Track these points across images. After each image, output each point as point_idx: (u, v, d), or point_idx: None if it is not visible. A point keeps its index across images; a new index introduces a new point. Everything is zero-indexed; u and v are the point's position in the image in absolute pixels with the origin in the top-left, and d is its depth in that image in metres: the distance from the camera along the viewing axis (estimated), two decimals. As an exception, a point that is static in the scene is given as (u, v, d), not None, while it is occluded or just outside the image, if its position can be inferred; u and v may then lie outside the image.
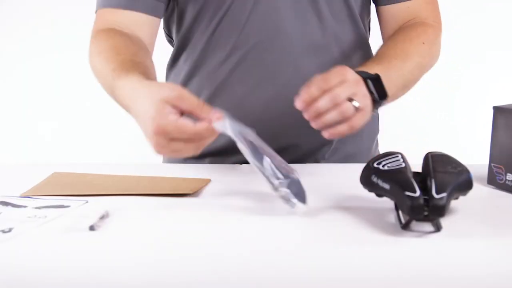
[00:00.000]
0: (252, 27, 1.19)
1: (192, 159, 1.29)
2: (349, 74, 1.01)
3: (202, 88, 1.24)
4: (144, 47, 1.17)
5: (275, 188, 0.90)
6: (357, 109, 0.99)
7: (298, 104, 0.98)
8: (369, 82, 1.04)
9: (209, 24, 1.21)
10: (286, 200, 0.90)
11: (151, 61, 1.14)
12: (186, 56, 1.27)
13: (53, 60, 2.68)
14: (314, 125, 0.99)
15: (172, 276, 0.73)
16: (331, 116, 0.98)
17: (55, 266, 0.74)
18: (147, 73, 1.03)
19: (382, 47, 1.21)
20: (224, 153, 1.24)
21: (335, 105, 0.98)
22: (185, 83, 1.27)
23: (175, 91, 0.93)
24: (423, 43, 1.20)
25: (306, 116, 0.99)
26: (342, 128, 1.00)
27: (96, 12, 1.23)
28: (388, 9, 1.26)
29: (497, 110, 1.01)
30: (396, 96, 1.14)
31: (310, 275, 0.72)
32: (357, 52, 1.26)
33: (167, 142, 0.90)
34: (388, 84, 1.07)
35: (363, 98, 1.01)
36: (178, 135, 0.90)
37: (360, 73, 1.05)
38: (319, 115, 0.98)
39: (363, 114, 1.01)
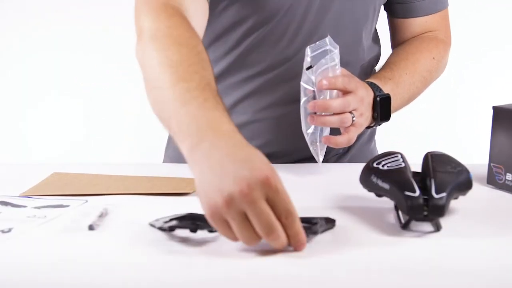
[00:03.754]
0: (290, 48, 1.13)
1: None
2: (361, 88, 1.06)
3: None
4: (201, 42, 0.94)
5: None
6: (353, 123, 1.05)
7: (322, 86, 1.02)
8: (378, 102, 1.09)
9: (247, 35, 1.13)
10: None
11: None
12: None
13: (53, 59, 2.68)
14: (312, 120, 1.03)
15: (172, 275, 0.73)
16: (331, 119, 1.04)
17: (54, 266, 0.74)
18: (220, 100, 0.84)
19: (394, 55, 1.24)
20: None
21: (342, 111, 1.03)
22: None
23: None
24: (433, 58, 1.25)
25: (312, 107, 1.02)
26: (342, 139, 1.05)
27: None
28: (404, 21, 1.27)
29: (497, 110, 1.01)
30: (398, 109, 1.20)
31: (310, 275, 0.72)
32: (373, 63, 1.28)
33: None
34: (395, 101, 1.13)
35: (360, 116, 1.07)
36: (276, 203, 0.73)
37: (373, 86, 1.11)
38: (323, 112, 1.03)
39: (357, 129, 1.07)
